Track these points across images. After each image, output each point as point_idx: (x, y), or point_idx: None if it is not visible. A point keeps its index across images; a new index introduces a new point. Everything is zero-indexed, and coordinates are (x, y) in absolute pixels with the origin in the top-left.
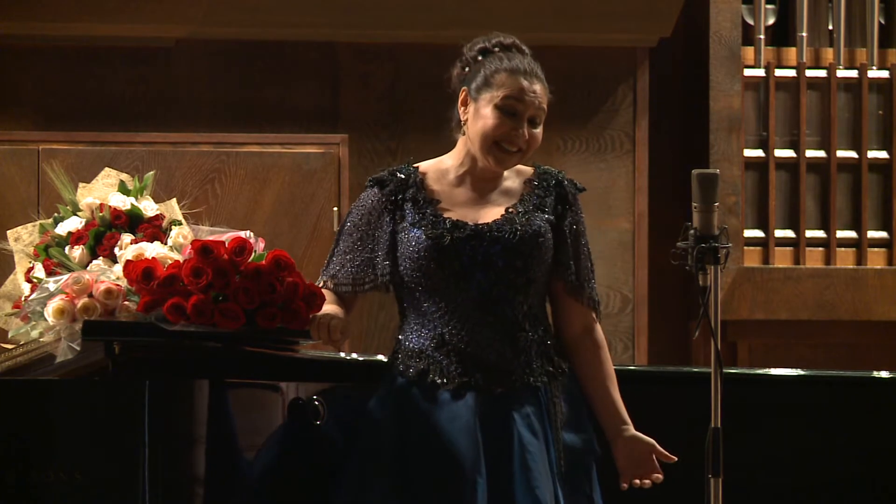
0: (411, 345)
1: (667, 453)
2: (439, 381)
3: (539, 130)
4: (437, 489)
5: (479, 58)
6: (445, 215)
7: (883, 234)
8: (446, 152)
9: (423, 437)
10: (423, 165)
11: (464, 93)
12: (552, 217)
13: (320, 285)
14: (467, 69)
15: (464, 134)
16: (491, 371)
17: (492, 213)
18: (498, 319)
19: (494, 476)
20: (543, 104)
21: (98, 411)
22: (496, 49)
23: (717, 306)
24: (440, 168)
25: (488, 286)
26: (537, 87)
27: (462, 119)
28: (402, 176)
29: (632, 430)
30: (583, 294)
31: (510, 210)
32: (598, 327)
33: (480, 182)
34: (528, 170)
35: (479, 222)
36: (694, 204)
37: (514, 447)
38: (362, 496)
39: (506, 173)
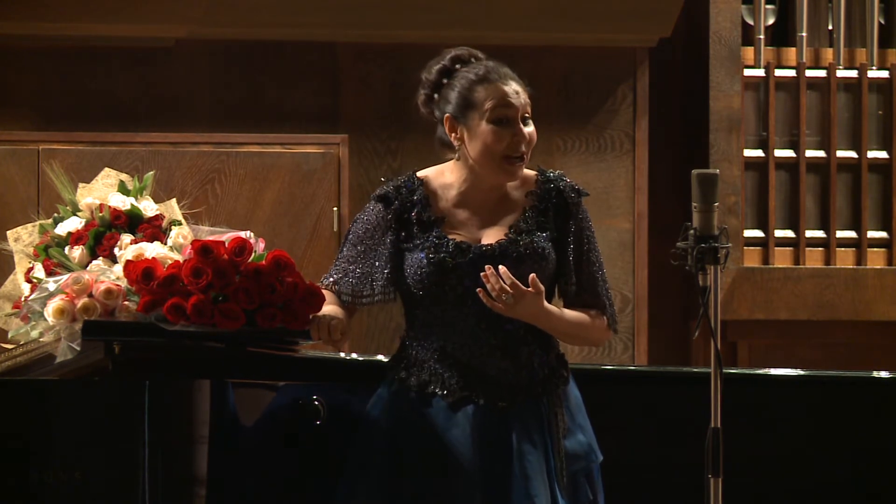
0: (415, 353)
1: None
2: (440, 392)
3: (532, 127)
4: (433, 496)
5: (444, 80)
6: (450, 236)
7: (883, 234)
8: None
9: (419, 443)
10: (427, 177)
11: (448, 119)
12: (554, 232)
13: (322, 287)
14: (436, 95)
15: (458, 158)
16: (492, 385)
17: (495, 233)
18: (499, 335)
19: (492, 485)
20: (528, 99)
21: (98, 411)
22: (457, 66)
23: (717, 306)
24: (443, 182)
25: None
26: (515, 85)
27: (454, 144)
28: (406, 192)
29: (546, 306)
30: (584, 300)
31: (513, 229)
32: (606, 328)
33: (483, 195)
34: (531, 176)
35: (483, 243)
36: (694, 204)
37: (513, 456)
38: (351, 498)
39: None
